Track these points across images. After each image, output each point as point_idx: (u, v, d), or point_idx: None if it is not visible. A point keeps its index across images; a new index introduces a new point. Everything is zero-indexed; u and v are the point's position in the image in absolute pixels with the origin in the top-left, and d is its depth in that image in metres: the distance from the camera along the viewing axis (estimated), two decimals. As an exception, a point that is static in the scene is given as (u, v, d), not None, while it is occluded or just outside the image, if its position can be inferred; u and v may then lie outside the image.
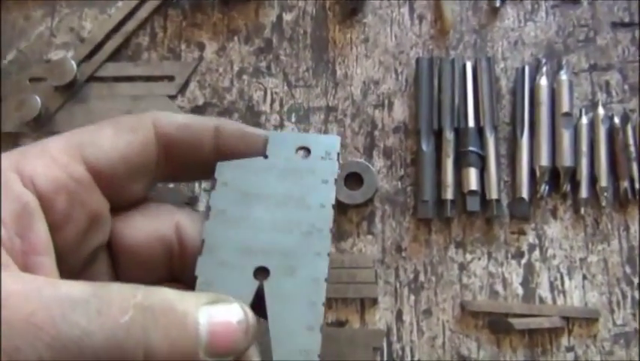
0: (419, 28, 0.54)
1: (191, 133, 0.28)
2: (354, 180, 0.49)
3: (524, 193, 0.49)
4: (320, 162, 0.28)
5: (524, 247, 0.49)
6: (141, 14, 0.55)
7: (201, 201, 0.49)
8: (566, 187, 0.49)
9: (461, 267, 0.48)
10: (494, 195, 0.48)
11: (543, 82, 0.51)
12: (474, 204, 0.48)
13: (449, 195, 0.49)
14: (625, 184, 0.49)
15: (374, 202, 0.50)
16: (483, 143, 0.50)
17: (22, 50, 0.55)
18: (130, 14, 0.55)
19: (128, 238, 0.28)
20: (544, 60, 0.52)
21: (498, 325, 0.46)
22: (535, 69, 0.52)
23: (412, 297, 0.48)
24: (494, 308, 0.47)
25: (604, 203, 0.49)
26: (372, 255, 0.49)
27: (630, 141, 0.49)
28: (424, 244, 0.49)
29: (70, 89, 0.53)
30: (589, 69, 0.52)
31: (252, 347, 0.25)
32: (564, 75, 0.51)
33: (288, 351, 0.25)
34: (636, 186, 0.49)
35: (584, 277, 0.48)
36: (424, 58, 0.52)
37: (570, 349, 0.46)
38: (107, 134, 0.26)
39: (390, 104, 0.52)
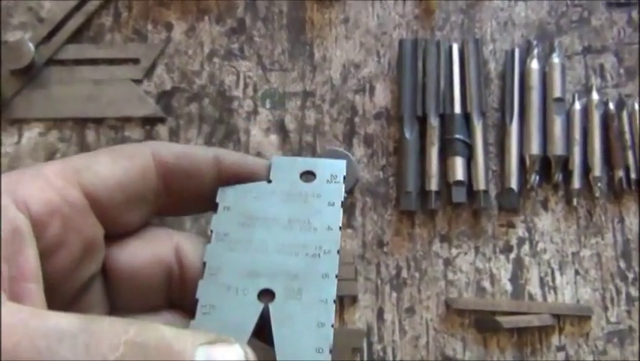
0: (402, 7, 0.53)
1: (191, 162, 0.28)
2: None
3: (513, 184, 0.48)
4: (326, 185, 0.29)
5: (513, 241, 0.48)
6: (105, -8, 0.54)
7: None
8: (558, 177, 0.49)
9: (446, 262, 0.48)
10: (482, 185, 0.48)
11: (534, 65, 0.50)
12: (460, 196, 0.48)
13: (434, 185, 0.48)
14: (620, 174, 0.48)
15: (354, 194, 0.49)
16: (470, 130, 0.49)
17: (-23, 31, 0.54)
18: (93, -8, 0.54)
19: (124, 263, 0.28)
20: (535, 42, 0.51)
21: (485, 323, 0.46)
22: (526, 52, 0.51)
23: (394, 294, 0.47)
24: (481, 306, 0.46)
25: (598, 194, 0.48)
26: (352, 250, 0.48)
27: (626, 128, 0.49)
28: (407, 238, 0.49)
29: (28, 73, 0.52)
30: (582, 52, 0.52)
31: None
32: (556, 58, 0.50)
33: None
34: (632, 175, 0.48)
35: (576, 273, 0.48)
36: (407, 39, 0.52)
37: (561, 348, 0.46)
38: (104, 161, 0.27)
39: (372, 89, 0.52)
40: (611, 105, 0.49)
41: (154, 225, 0.29)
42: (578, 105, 0.50)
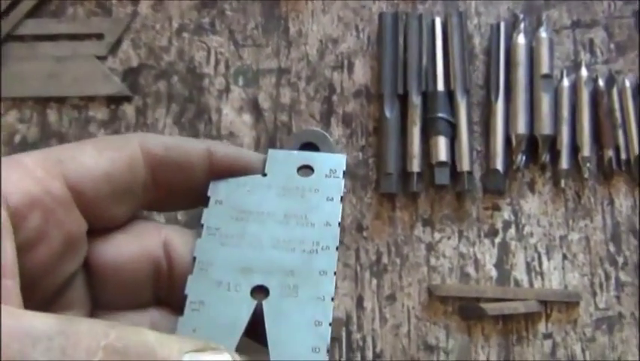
0: (383, -21, 0.53)
1: (181, 154, 0.28)
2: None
3: (499, 165, 0.48)
4: (324, 180, 0.29)
5: (499, 225, 0.48)
6: (66, -38, 0.53)
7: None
8: (545, 157, 0.49)
9: (429, 247, 0.48)
10: (466, 166, 0.48)
11: (520, 40, 0.50)
12: (443, 177, 0.48)
13: (416, 167, 0.48)
14: (609, 154, 0.48)
15: (332, 176, 0.48)
16: (453, 108, 0.49)
17: None
18: (53, -37, 0.53)
19: (109, 258, 0.27)
20: (522, 16, 0.51)
21: (469, 311, 0.46)
22: (512, 26, 0.51)
23: (373, 281, 0.47)
24: (465, 292, 0.46)
25: (586, 175, 0.48)
26: (330, 235, 0.47)
27: (616, 105, 0.49)
28: (387, 222, 0.48)
29: (-15, 50, 0.51)
30: (571, 26, 0.52)
31: None
32: (544, 33, 0.50)
33: None
34: (622, 155, 0.49)
35: (563, 257, 0.47)
36: (387, 13, 0.51)
37: (548, 336, 0.46)
38: (89, 151, 0.26)
39: (350, 66, 0.51)
40: (601, 82, 0.49)
41: (141, 218, 0.29)
42: (566, 82, 0.49)
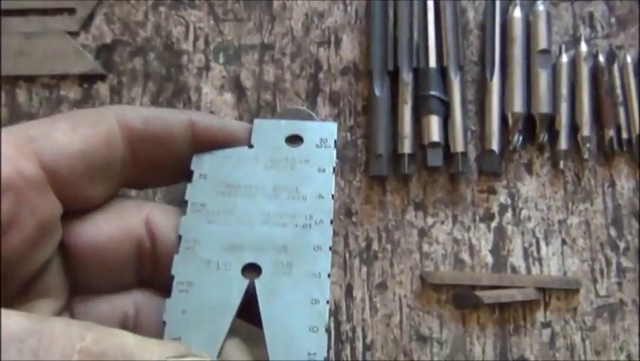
0: (371, -50, 0.53)
1: (161, 126, 0.28)
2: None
3: (494, 145, 0.48)
4: (315, 150, 0.28)
5: (494, 209, 0.48)
6: None
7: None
8: (543, 137, 0.48)
9: (421, 233, 0.47)
10: (459, 147, 0.47)
11: (517, 14, 0.49)
12: (436, 159, 0.47)
13: (407, 148, 0.47)
14: (610, 133, 0.48)
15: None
16: (446, 86, 0.49)
17: None
18: None
19: (88, 239, 0.27)
20: None
21: (464, 299, 0.46)
22: None
23: (363, 269, 0.47)
24: (459, 280, 0.46)
25: (586, 155, 0.48)
26: (317, 220, 0.47)
27: (617, 82, 0.49)
28: (377, 206, 0.48)
29: (-52, 26, 0.50)
30: None
31: (246, 359, 0.25)
32: (541, 6, 0.50)
33: (289, 356, 0.24)
34: (623, 135, 0.48)
35: (562, 242, 0.47)
36: None
37: (546, 325, 0.45)
38: (63, 128, 0.26)
39: (338, 41, 0.51)
40: (601, 58, 0.49)
41: (121, 196, 0.28)
42: (565, 58, 0.49)
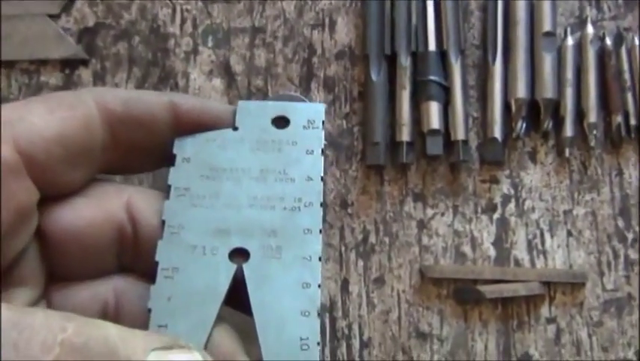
0: None
1: (142, 109, 0.28)
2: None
3: (497, 132, 0.46)
4: (302, 131, 0.28)
5: (497, 199, 0.47)
6: None
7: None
8: (548, 124, 0.47)
9: (420, 225, 0.46)
10: (460, 135, 0.46)
11: None
12: (436, 147, 0.46)
13: (405, 135, 0.46)
14: (618, 119, 0.46)
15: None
16: (447, 71, 0.47)
17: None
18: None
19: (67, 224, 0.27)
20: None
21: (465, 294, 0.45)
22: None
23: (360, 263, 0.46)
24: (460, 274, 0.45)
25: (593, 143, 0.47)
26: (311, 212, 0.45)
27: (625, 66, 0.47)
28: (374, 197, 0.47)
29: None
30: None
31: (236, 347, 0.25)
32: None
33: (280, 342, 0.24)
34: (631, 121, 0.46)
35: (568, 234, 0.46)
36: None
37: (551, 320, 0.45)
38: (39, 111, 0.26)
39: (332, 24, 0.49)
40: (608, 40, 0.47)
41: (100, 180, 0.28)
42: (570, 41, 0.48)
